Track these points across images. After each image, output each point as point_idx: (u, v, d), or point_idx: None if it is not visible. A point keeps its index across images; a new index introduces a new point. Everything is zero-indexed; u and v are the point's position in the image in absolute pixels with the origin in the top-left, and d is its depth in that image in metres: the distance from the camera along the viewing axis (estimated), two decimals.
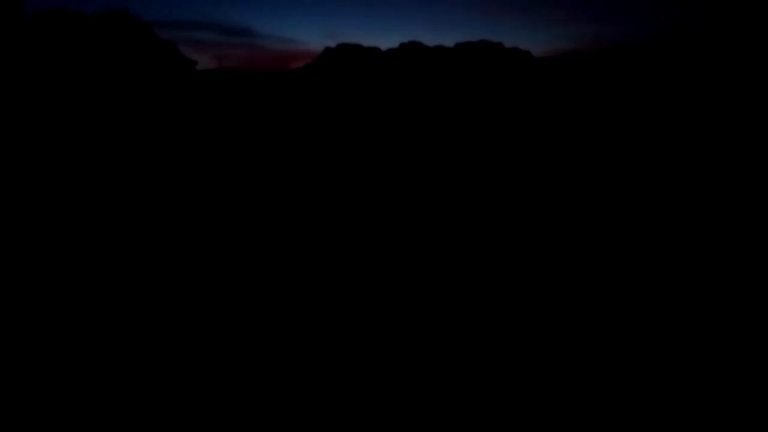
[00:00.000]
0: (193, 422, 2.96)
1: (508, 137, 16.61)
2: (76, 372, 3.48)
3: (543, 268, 5.34)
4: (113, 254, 6.10)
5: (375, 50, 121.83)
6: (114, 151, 13.56)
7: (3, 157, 12.57)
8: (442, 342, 3.79)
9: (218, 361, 3.56)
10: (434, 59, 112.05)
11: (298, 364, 3.53)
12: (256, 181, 10.07)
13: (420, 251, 5.93)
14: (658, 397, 3.12)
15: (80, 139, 16.55)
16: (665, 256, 5.47)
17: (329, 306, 4.57)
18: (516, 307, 4.39)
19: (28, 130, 19.43)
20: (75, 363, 3.59)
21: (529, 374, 3.34)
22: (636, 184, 8.88)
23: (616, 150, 12.66)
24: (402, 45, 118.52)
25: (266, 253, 5.83)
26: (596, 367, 3.42)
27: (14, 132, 18.65)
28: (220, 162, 12.05)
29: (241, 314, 4.37)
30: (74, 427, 2.95)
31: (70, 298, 4.78)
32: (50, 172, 10.72)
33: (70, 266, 5.73)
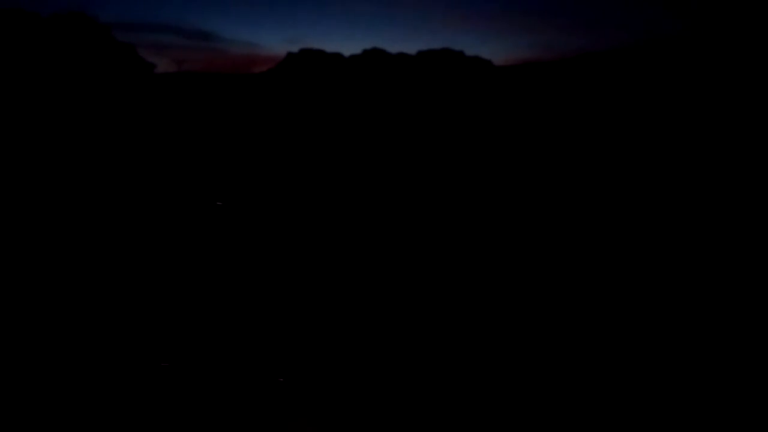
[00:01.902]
0: (193, 422, 2.94)
1: (467, 142, 17.47)
2: (76, 372, 3.48)
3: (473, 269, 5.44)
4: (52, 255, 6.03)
5: (338, 56, 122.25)
6: (69, 153, 13.90)
7: None
8: (441, 342, 3.81)
9: (218, 361, 3.55)
10: (397, 66, 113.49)
11: (298, 364, 3.52)
12: (217, 183, 10.03)
13: (381, 252, 6.00)
14: (658, 396, 3.08)
15: (33, 141, 16.60)
16: (631, 262, 5.51)
17: (313, 308, 4.57)
18: (508, 307, 4.41)
19: None
20: (75, 363, 3.58)
21: (528, 374, 3.34)
22: (587, 189, 9.36)
23: (569, 155, 13.47)
24: (365, 51, 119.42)
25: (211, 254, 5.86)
26: (596, 367, 3.41)
27: None
28: (178, 165, 12.47)
29: (233, 314, 4.39)
30: (74, 427, 2.94)
31: (68, 298, 4.79)
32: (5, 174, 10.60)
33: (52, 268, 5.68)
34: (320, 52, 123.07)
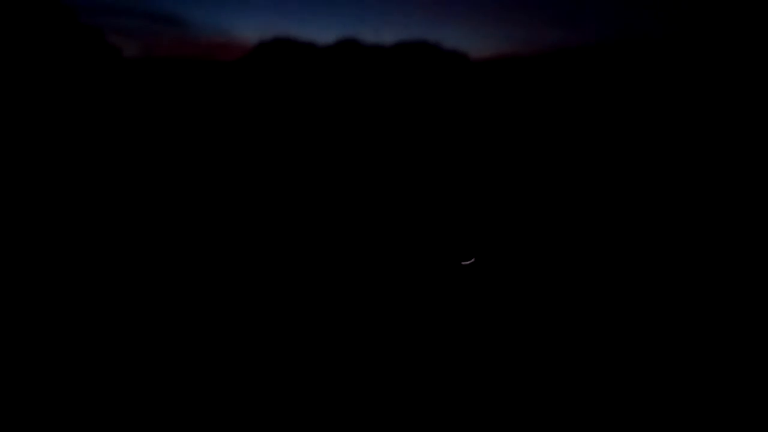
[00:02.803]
0: (193, 422, 2.96)
1: (439, 137, 17.58)
2: (76, 372, 3.48)
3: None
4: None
5: (311, 46, 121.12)
6: (37, 141, 13.47)
7: None
8: (441, 342, 3.83)
9: (218, 361, 3.58)
10: (371, 57, 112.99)
11: (298, 364, 3.55)
12: (184, 176, 9.94)
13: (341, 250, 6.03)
14: (658, 396, 3.13)
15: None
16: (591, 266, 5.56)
17: (315, 309, 4.56)
18: (508, 308, 4.43)
19: None
20: (74, 363, 3.58)
21: (528, 374, 3.38)
22: (570, 189, 9.35)
23: (543, 152, 13.70)
24: (338, 42, 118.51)
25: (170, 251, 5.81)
26: (596, 367, 3.44)
27: None
28: (147, 154, 12.21)
29: (232, 316, 4.37)
30: (74, 427, 2.95)
31: (66, 299, 4.73)
32: None
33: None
34: (293, 42, 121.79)
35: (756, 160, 11.92)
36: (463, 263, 5.70)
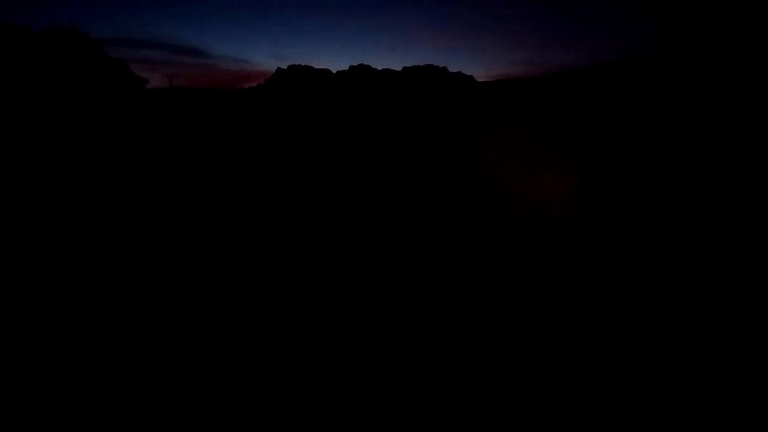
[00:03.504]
0: (193, 422, 2.95)
1: (449, 154, 18.20)
2: (76, 371, 3.55)
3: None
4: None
5: (326, 72, 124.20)
6: (65, 168, 13.93)
7: None
8: (441, 341, 3.89)
9: (218, 361, 3.64)
10: (383, 81, 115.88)
11: (298, 363, 3.59)
12: (213, 197, 10.11)
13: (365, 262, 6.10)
14: (658, 396, 3.08)
15: (28, 155, 16.46)
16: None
17: (316, 308, 4.68)
18: (504, 307, 4.52)
19: None
20: (75, 362, 3.68)
21: (528, 374, 3.37)
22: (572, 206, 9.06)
23: (551, 167, 13.54)
24: (351, 67, 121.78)
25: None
26: (596, 367, 3.45)
27: None
28: (174, 178, 12.63)
29: (236, 314, 4.54)
30: (74, 427, 2.95)
31: (71, 298, 4.98)
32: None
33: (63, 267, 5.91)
34: (308, 68, 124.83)
35: (758, 168, 11.75)
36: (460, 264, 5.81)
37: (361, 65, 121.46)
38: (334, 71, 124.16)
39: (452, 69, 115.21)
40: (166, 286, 5.13)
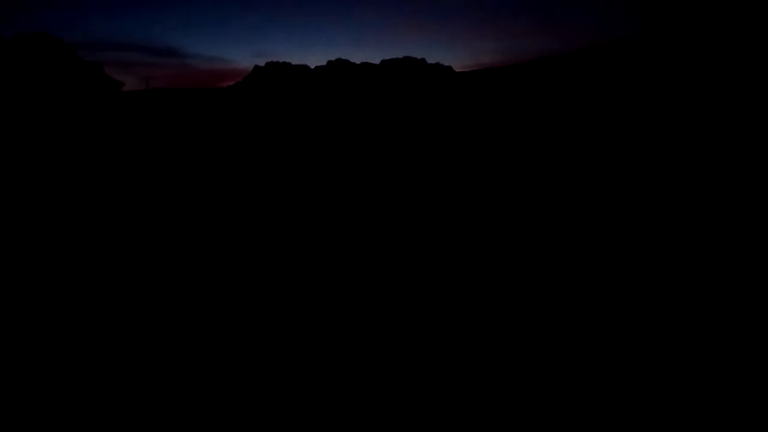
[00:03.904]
0: (193, 422, 2.93)
1: (429, 145, 18.34)
2: (76, 371, 3.50)
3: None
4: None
5: (304, 68, 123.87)
6: (42, 173, 13.64)
7: None
8: (441, 341, 3.82)
9: (218, 361, 3.59)
10: (361, 75, 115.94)
11: (298, 363, 3.54)
12: (189, 200, 9.87)
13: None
14: (658, 396, 3.07)
15: (3, 162, 16.18)
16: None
17: (319, 307, 4.65)
18: (507, 307, 4.43)
19: None
20: (75, 362, 3.64)
21: (528, 374, 3.31)
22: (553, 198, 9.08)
23: (527, 160, 13.62)
24: (330, 62, 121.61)
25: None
26: (595, 367, 3.38)
27: None
28: (151, 182, 12.36)
29: (238, 314, 4.50)
30: (74, 427, 2.93)
31: (70, 298, 5.02)
32: None
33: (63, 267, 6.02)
34: (286, 65, 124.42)
35: (742, 158, 11.76)
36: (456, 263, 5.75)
37: (339, 60, 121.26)
38: (312, 66, 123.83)
39: (430, 60, 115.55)
40: (151, 288, 5.26)
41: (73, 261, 6.38)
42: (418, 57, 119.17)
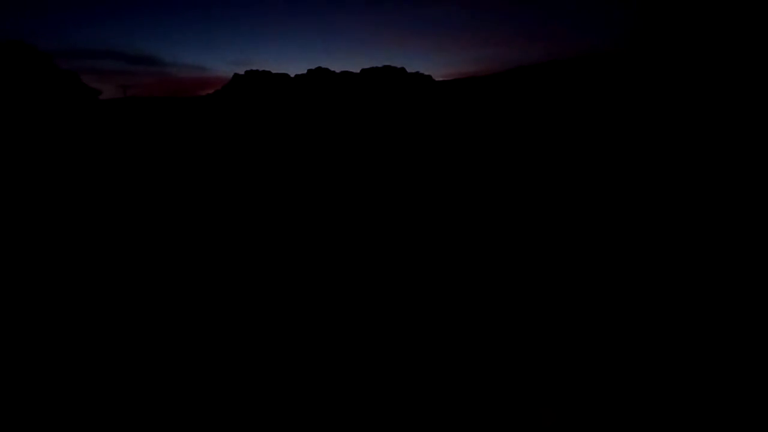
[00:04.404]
0: (194, 422, 2.92)
1: (407, 154, 18.64)
2: (77, 371, 3.49)
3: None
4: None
5: (284, 76, 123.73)
6: (19, 183, 13.25)
7: None
8: (440, 341, 3.79)
9: (218, 361, 3.57)
10: (341, 84, 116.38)
11: (298, 363, 3.52)
12: (167, 209, 9.77)
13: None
14: (658, 396, 3.03)
15: None
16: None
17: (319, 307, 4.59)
18: (506, 306, 4.38)
19: None
20: (75, 362, 3.61)
21: (527, 374, 3.29)
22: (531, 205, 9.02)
23: (505, 168, 13.52)
24: (309, 71, 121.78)
25: None
26: (595, 367, 3.35)
27: None
28: (132, 189, 12.18)
29: (240, 315, 4.46)
30: (74, 427, 2.93)
31: (71, 298, 5.01)
32: None
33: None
34: (266, 73, 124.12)
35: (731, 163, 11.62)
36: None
37: (319, 68, 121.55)
38: (293, 75, 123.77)
39: (410, 69, 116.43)
40: (140, 295, 5.26)
41: (58, 265, 6.41)
42: (398, 66, 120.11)
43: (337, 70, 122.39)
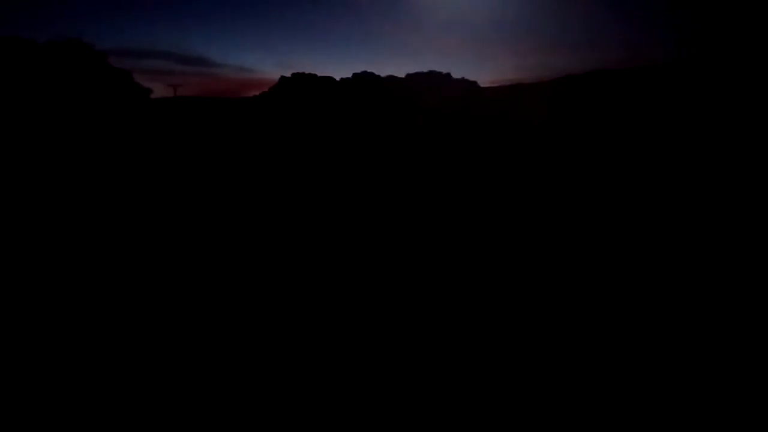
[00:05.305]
0: (194, 422, 2.89)
1: (453, 158, 18.36)
2: (77, 371, 3.45)
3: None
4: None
5: (329, 79, 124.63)
6: (71, 179, 13.83)
7: None
8: (440, 341, 3.75)
9: (218, 361, 3.53)
10: (386, 88, 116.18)
11: (298, 363, 3.48)
12: (218, 203, 10.08)
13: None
14: (658, 396, 2.98)
15: (34, 167, 16.48)
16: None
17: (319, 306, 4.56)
18: (505, 305, 4.32)
19: None
20: (75, 362, 3.57)
21: (527, 374, 3.26)
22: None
23: (551, 172, 13.79)
24: (355, 75, 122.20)
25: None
26: (596, 367, 3.31)
27: None
28: (179, 187, 12.56)
29: (241, 314, 4.40)
30: (74, 427, 2.88)
31: (71, 298, 4.91)
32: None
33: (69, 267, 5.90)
34: (312, 76, 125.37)
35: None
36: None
37: (364, 72, 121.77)
38: (338, 78, 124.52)
39: (455, 75, 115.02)
40: (167, 287, 5.23)
41: (93, 260, 6.26)
42: (444, 71, 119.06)
43: (382, 75, 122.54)
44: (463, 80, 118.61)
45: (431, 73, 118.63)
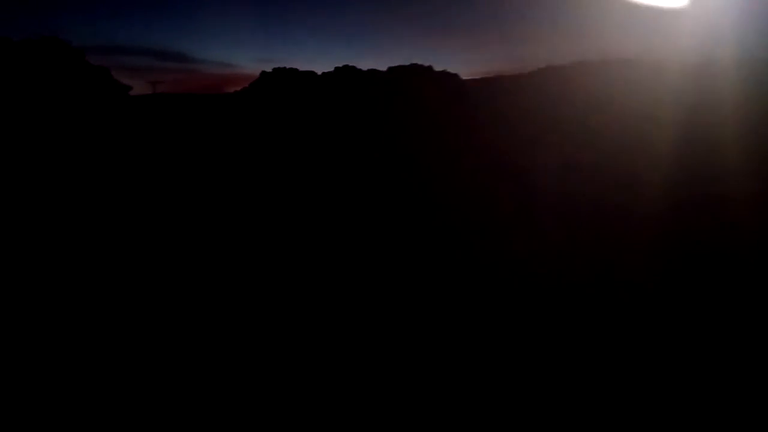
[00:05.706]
0: (194, 422, 2.98)
1: (432, 150, 19.04)
2: (77, 371, 3.52)
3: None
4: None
5: (311, 74, 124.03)
6: (49, 176, 13.29)
7: None
8: (440, 341, 3.78)
9: (218, 361, 3.64)
10: (367, 81, 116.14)
11: (298, 363, 3.58)
12: (200, 199, 9.74)
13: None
14: (658, 396, 3.03)
15: (11, 164, 15.73)
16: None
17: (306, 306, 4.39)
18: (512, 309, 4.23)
19: None
20: (75, 362, 3.65)
21: (527, 374, 3.28)
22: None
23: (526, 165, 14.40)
24: (336, 69, 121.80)
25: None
26: (595, 367, 3.37)
27: None
28: (158, 185, 12.30)
29: (238, 315, 4.26)
30: (74, 427, 3.02)
31: (71, 298, 4.91)
32: None
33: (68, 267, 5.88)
34: (293, 70, 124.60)
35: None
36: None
37: (345, 66, 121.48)
38: (319, 73, 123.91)
39: (437, 68, 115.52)
40: (159, 289, 5.40)
41: (79, 260, 6.33)
42: (425, 64, 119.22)
43: (364, 68, 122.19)
44: (444, 72, 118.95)
45: (413, 66, 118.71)
